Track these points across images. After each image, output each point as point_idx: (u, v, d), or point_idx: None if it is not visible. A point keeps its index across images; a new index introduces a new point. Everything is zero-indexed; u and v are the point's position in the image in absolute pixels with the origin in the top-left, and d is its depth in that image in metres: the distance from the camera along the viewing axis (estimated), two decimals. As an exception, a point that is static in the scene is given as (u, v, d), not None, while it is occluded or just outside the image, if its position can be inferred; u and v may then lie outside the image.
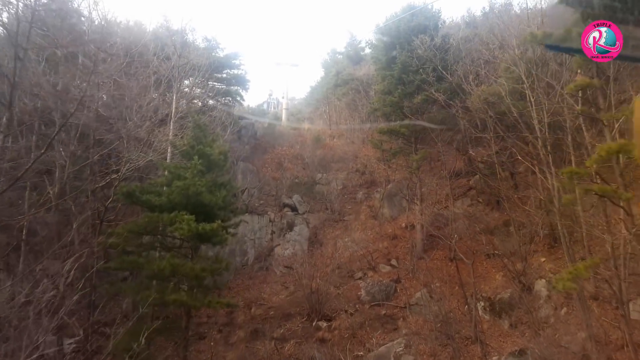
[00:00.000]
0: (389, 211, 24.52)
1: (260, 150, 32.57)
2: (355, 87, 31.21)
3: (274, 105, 72.01)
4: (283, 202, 24.72)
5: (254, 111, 36.50)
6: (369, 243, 22.13)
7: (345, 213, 25.47)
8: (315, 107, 53.05)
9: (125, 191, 10.21)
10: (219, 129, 21.48)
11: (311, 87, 58.37)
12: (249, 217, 22.90)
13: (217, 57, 27.47)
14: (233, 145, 31.10)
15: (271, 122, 36.92)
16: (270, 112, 65.57)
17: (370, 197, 27.12)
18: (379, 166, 29.50)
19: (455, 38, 20.20)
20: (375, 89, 23.88)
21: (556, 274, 16.23)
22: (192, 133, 11.49)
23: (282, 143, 34.12)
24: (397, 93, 20.17)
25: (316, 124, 42.89)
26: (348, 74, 32.17)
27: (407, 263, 20.25)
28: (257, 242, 22.60)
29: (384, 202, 24.70)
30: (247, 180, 25.79)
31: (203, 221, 10.39)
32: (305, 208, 24.99)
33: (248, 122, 33.80)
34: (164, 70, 17.96)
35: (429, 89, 19.23)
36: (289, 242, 22.13)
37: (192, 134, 11.48)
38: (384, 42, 21.42)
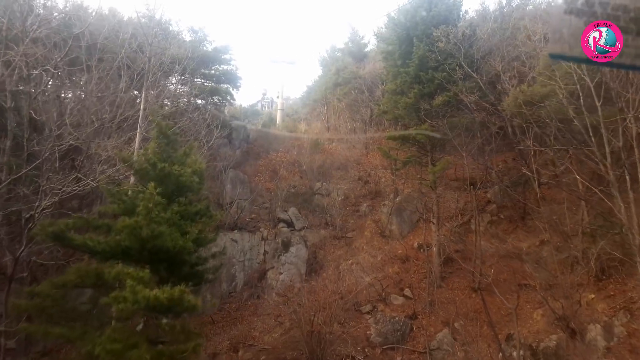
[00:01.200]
0: (398, 228, 21.52)
1: (253, 156, 29.47)
2: (359, 86, 28.16)
3: (268, 105, 68.89)
4: (277, 216, 21.64)
5: (246, 112, 33.39)
6: (377, 267, 19.12)
7: (348, 229, 22.43)
8: (312, 108, 49.91)
9: (50, 231, 7.08)
10: (203, 133, 18.35)
11: (308, 87, 55.26)
12: (238, 235, 19.85)
13: (204, 51, 24.32)
14: (222, 150, 28.03)
15: (265, 123, 33.79)
16: (265, 112, 62.49)
17: (376, 210, 24.11)
18: (385, 175, 26.54)
19: (483, 29, 17.20)
20: (385, 89, 20.89)
21: (613, 317, 13.38)
22: (154, 145, 8.44)
23: (276, 147, 31.02)
24: (413, 93, 17.18)
25: (314, 126, 39.82)
26: (350, 72, 29.15)
27: (423, 293, 17.24)
28: (247, 264, 19.51)
29: (393, 217, 21.69)
30: (237, 192, 22.69)
31: (167, 272, 7.35)
32: (302, 223, 21.91)
33: (239, 124, 30.69)
34: (137, 66, 14.92)
35: (452, 88, 16.26)
36: (284, 265, 19.06)
37: (154, 146, 8.43)
38: (397, 33, 18.39)
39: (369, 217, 23.62)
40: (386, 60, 20.29)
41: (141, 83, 14.84)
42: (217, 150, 25.67)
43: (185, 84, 23.14)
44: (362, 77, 28.50)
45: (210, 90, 22.86)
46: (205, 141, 17.86)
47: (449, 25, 16.90)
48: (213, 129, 18.68)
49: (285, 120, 45.07)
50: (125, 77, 14.03)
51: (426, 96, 17.43)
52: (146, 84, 12.18)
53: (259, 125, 34.63)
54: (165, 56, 16.57)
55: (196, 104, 23.57)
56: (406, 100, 17.51)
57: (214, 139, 18.04)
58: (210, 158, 23.74)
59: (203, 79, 25.92)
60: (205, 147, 17.93)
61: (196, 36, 24.95)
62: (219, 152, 27.12)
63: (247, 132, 31.85)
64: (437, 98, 16.53)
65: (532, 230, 19.37)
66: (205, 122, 18.18)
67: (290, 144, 32.69)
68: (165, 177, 7.83)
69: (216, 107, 28.19)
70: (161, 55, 15.99)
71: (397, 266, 18.98)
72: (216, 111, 27.20)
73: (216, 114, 27.96)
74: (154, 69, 13.71)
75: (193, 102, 23.89)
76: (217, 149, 27.33)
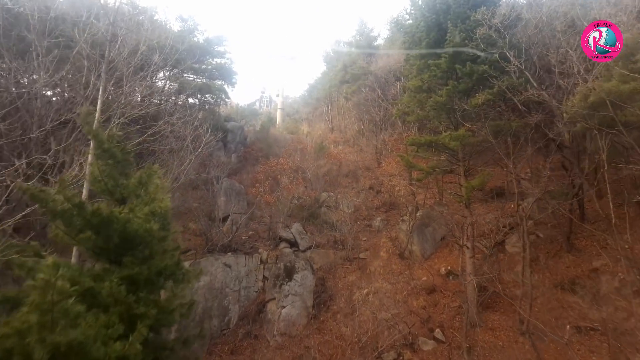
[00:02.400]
0: (420, 248, 18.39)
1: (251, 161, 26.36)
2: (369, 83, 25.00)
3: (267, 104, 65.62)
4: (279, 235, 18.48)
5: (243, 111, 30.22)
6: (399, 299, 15.99)
7: (361, 248, 19.31)
8: (313, 107, 46.72)
9: None
10: (190, 138, 15.16)
11: (309, 85, 52.28)
12: (232, 259, 16.71)
13: (194, 43, 21.12)
14: (216, 155, 24.89)
15: (264, 124, 30.63)
16: (263, 111, 59.20)
17: (391, 225, 21.02)
18: (400, 184, 23.44)
19: (531, 12, 14.00)
20: (404, 86, 17.70)
21: None
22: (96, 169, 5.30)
23: (277, 151, 27.91)
24: (446, 91, 14.04)
25: (317, 127, 36.72)
26: (359, 67, 26.01)
27: (458, 335, 14.11)
28: (244, 293, 16.36)
29: (413, 235, 18.56)
30: (232, 205, 19.51)
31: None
32: (308, 242, 18.78)
33: (235, 126, 27.55)
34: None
35: (498, 83, 13.14)
36: (287, 297, 15.89)
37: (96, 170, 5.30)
38: (425, 19, 15.21)
39: (383, 233, 20.51)
40: (409, 50, 17.12)
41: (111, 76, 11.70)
42: (209, 156, 22.61)
43: (175, 80, 19.96)
44: (373, 74, 25.33)
45: (200, 87, 19.66)
46: (192, 148, 14.67)
47: (490, 7, 13.82)
48: (203, 133, 15.44)
49: (285, 121, 41.90)
50: (85, 68, 10.84)
51: (461, 94, 14.31)
52: (104, 77, 8.97)
53: (258, 126, 31.50)
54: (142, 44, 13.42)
55: (186, 103, 20.41)
56: (437, 99, 14.36)
57: (203, 146, 14.80)
58: (201, 165, 20.67)
59: (194, 75, 22.72)
60: (193, 154, 14.74)
61: (185, 25, 21.76)
62: (212, 157, 24.03)
63: (244, 134, 28.74)
64: (478, 96, 13.36)
65: (579, 253, 16.39)
66: (192, 125, 14.92)
67: (292, 147, 29.59)
68: (102, 225, 4.76)
69: (209, 107, 25.06)
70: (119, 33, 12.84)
71: (423, 298, 15.84)
72: (208, 111, 24.10)
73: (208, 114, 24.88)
74: (121, 57, 10.54)
75: (182, 100, 20.72)
76: (210, 153, 24.29)
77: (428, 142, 15.65)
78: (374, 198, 23.38)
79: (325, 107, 38.78)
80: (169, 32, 19.67)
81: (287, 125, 36.32)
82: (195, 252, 16.87)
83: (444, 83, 14.87)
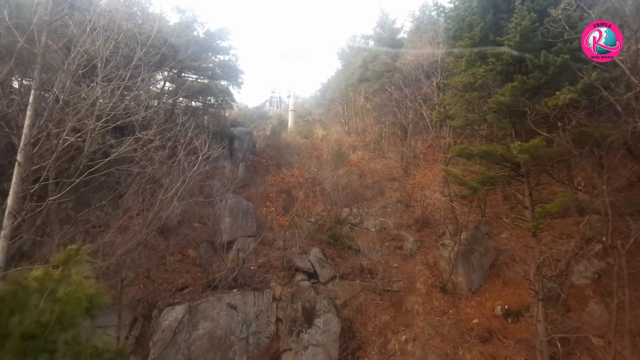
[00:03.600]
0: (466, 280, 15.16)
1: (261, 171, 23.30)
2: (395, 81, 21.78)
3: (277, 104, 62.50)
4: (295, 264, 15.40)
5: (251, 115, 27.17)
6: (447, 350, 12.78)
7: (392, 278, 16.13)
8: (327, 108, 43.48)
9: None
10: (183, 152, 12.13)
11: (322, 84, 49.03)
12: (238, 298, 13.68)
13: (193, 37, 18.12)
14: (221, 165, 21.90)
15: (275, 129, 27.56)
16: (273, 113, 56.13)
17: (426, 247, 17.85)
18: (432, 196, 20.15)
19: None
20: (448, 83, 14.47)
21: None
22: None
23: (289, 159, 24.81)
24: (510, 88, 10.79)
25: (332, 130, 33.56)
26: (383, 63, 22.76)
27: (531, 405, 10.89)
28: (253, 340, 13.30)
29: (458, 263, 15.32)
30: (238, 228, 16.51)
31: None
32: (329, 272, 15.67)
33: (243, 131, 24.56)
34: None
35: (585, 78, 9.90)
36: (306, 349, 12.76)
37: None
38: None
39: (417, 258, 17.35)
40: (452, 40, 13.88)
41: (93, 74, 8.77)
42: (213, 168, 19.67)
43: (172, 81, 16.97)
44: (399, 70, 22.10)
45: (198, 88, 16.57)
46: (187, 165, 11.65)
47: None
48: (200, 146, 12.40)
49: (297, 123, 38.80)
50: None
51: (529, 92, 11.07)
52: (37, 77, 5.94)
53: (268, 131, 28.44)
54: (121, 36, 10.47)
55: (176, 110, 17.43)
56: (498, 99, 11.12)
57: (199, 163, 11.77)
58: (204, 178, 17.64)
59: (196, 75, 19.70)
60: (187, 173, 11.72)
61: (183, 17, 18.76)
62: (217, 167, 21.05)
63: (252, 140, 25.73)
64: (558, 95, 10.08)
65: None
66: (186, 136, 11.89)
67: (306, 153, 26.48)
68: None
69: (213, 110, 22.09)
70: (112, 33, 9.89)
71: (478, 350, 12.60)
72: (211, 115, 21.14)
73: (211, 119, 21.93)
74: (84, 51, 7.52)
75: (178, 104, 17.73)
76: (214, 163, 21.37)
77: (482, 152, 12.42)
78: (403, 213, 20.16)
79: (341, 108, 35.64)
80: (163, 23, 16.77)
81: (299, 129, 33.23)
82: (193, 290, 13.88)
83: (504, 79, 11.67)
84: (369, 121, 30.78)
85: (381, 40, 25.37)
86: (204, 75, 19.19)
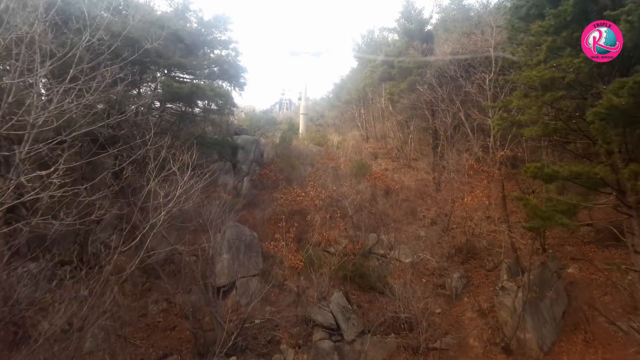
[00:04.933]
0: (536, 336, 11.54)
1: (268, 187, 19.93)
2: (427, 80, 18.23)
3: (287, 106, 59.05)
4: (311, 318, 11.94)
5: (258, 120, 23.76)
6: None
7: (436, 330, 12.54)
8: (340, 111, 39.94)
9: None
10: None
11: (335, 85, 45.48)
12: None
13: (184, 29, 14.76)
14: (222, 180, 18.63)
15: (285, 135, 24.17)
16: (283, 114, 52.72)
17: (475, 286, 14.34)
18: (476, 216, 16.52)
19: None
20: (515, 79, 10.92)
21: None
22: None
23: (302, 172, 21.41)
24: (630, 85, 7.21)
25: (349, 135, 30.05)
26: (412, 60, 19.16)
27: None
28: None
29: (525, 314, 11.71)
30: (239, 265, 13.12)
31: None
32: (355, 326, 12.18)
33: (248, 140, 21.25)
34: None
35: None
36: None
37: None
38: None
39: (464, 299, 13.84)
40: (523, 23, 10.31)
41: None
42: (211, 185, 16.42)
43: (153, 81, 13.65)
44: (431, 66, 18.52)
45: (188, 91, 13.03)
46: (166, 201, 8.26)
47: None
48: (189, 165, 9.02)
49: (309, 128, 35.34)
50: None
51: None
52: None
53: (277, 138, 25.01)
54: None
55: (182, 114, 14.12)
56: (610, 100, 7.54)
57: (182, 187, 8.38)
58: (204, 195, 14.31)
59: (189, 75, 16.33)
60: (174, 194, 8.35)
61: (172, 2, 15.43)
62: (216, 184, 17.78)
63: (259, 149, 22.39)
64: None
65: None
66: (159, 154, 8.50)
67: (320, 163, 23.04)
68: None
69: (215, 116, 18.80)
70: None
71: None
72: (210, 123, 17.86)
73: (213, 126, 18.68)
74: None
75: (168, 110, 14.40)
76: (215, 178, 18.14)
77: (573, 174, 8.85)
78: (441, 239, 16.59)
79: (357, 110, 32.11)
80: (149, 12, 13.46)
81: (312, 135, 29.77)
82: (179, 358, 10.52)
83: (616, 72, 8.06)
84: (390, 125, 27.24)
85: (407, 32, 21.79)
86: (197, 75, 15.83)
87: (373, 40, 31.19)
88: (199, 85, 13.76)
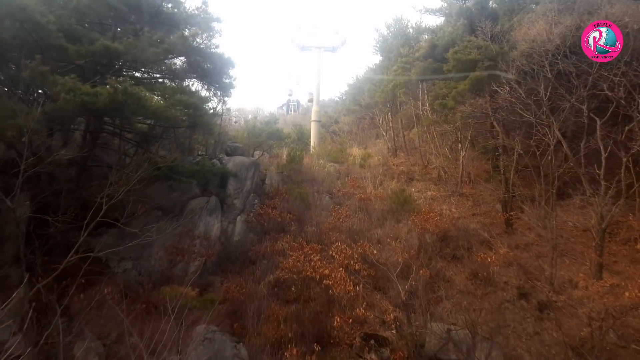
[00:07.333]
0: None
1: (272, 230, 13.93)
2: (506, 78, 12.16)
3: (295, 108, 53.09)
4: None
5: (259, 134, 17.78)
6: None
7: None
8: (359, 117, 33.73)
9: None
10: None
11: (349, 86, 39.32)
12: None
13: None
14: (203, 224, 12.92)
15: (293, 153, 18.19)
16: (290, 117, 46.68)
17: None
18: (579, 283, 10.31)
19: None
20: None
21: None
22: None
23: (317, 206, 15.43)
24: None
25: (374, 150, 23.99)
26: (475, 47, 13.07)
27: None
28: None
29: None
30: None
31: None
32: None
33: (242, 163, 15.37)
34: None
35: None
36: None
37: None
38: None
39: None
40: None
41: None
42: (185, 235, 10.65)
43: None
44: (508, 58, 12.42)
45: (105, 101, 7.00)
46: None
47: None
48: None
49: (323, 138, 29.30)
50: None
51: None
52: None
53: (283, 155, 19.01)
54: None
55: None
56: None
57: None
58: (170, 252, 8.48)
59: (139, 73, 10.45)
60: None
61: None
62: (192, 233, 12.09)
63: (259, 175, 16.47)
64: None
65: None
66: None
67: (342, 193, 17.04)
68: None
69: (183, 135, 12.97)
70: None
71: None
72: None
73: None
74: None
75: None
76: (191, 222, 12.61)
77: None
78: (537, 325, 10.48)
79: (383, 116, 26.06)
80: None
81: (327, 148, 23.70)
82: None
83: None
84: (428, 137, 21.09)
85: (462, 12, 15.69)
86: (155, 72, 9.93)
87: (402, 29, 25.08)
88: (131, 91, 7.53)
